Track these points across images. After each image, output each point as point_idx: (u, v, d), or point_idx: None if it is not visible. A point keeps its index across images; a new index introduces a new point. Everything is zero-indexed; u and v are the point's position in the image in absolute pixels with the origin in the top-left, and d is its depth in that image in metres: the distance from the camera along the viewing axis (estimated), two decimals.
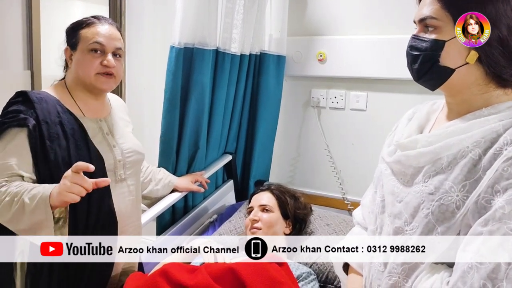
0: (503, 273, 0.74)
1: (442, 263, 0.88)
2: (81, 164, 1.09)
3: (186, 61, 1.84)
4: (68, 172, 1.10)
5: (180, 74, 1.82)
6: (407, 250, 0.90)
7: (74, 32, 1.36)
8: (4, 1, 1.95)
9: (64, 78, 1.42)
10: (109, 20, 1.41)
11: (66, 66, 1.41)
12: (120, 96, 2.65)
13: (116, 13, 2.60)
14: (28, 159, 1.22)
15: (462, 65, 0.87)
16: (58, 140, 1.25)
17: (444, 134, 0.89)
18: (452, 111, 0.95)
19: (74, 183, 1.09)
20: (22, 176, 1.21)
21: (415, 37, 0.92)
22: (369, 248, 1.04)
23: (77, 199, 1.10)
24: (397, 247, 0.93)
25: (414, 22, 0.94)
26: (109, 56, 1.35)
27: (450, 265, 0.86)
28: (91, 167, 1.09)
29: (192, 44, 1.83)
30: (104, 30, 1.36)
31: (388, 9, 2.01)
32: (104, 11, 2.59)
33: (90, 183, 1.10)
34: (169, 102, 1.82)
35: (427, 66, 0.90)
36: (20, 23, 2.03)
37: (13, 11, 1.99)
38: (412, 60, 0.93)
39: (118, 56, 1.39)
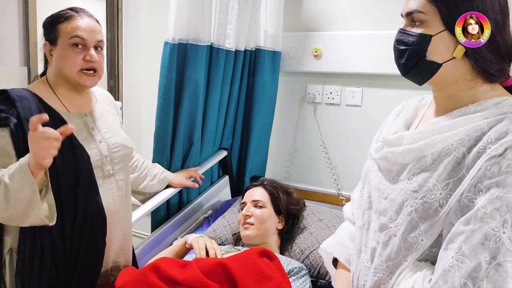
0: (483, 272, 0.75)
1: (425, 261, 0.88)
2: (33, 119, 1.05)
3: (180, 57, 1.83)
4: (30, 133, 1.07)
5: (174, 70, 1.82)
6: (392, 247, 0.90)
7: (52, 27, 1.32)
8: None
9: (44, 73, 1.39)
10: (87, 12, 1.37)
11: (46, 61, 1.37)
12: (117, 92, 2.67)
13: (113, 10, 2.61)
14: (11, 159, 1.19)
15: (449, 60, 0.87)
16: None
17: (430, 132, 0.89)
18: (439, 106, 0.94)
19: (40, 139, 1.06)
20: None
21: (402, 31, 0.92)
22: (356, 244, 1.05)
23: (54, 152, 1.07)
24: (382, 244, 0.93)
25: (402, 15, 0.93)
26: (92, 51, 1.31)
27: (433, 263, 0.86)
28: (44, 116, 1.05)
29: (186, 40, 1.83)
30: (84, 24, 1.31)
31: (384, 4, 2.00)
32: (101, 8, 2.60)
33: (55, 132, 1.07)
34: (163, 98, 1.83)
35: (413, 61, 0.89)
36: (16, 20, 2.03)
37: (9, 7, 1.99)
38: (399, 54, 0.92)
39: (99, 48, 1.35)
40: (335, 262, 1.19)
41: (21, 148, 1.19)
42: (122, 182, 1.44)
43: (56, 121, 1.26)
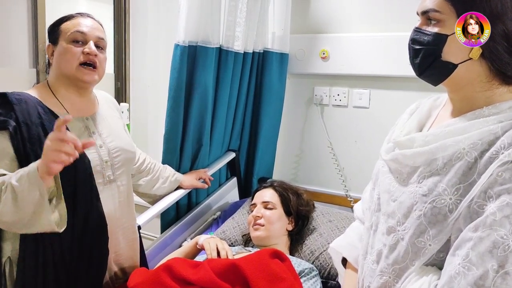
0: (490, 280, 0.73)
1: (432, 265, 0.87)
2: (59, 120, 1.02)
3: (190, 59, 1.84)
4: (51, 134, 1.04)
5: (184, 72, 1.83)
6: (399, 250, 0.89)
7: (55, 27, 1.32)
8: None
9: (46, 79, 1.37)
10: (91, 15, 1.36)
11: (48, 66, 1.36)
12: (125, 94, 2.68)
13: (121, 11, 2.62)
14: (12, 161, 1.17)
15: (465, 61, 0.84)
16: (39, 142, 1.18)
17: (442, 134, 0.87)
18: (454, 107, 0.93)
19: (52, 140, 1.02)
20: None
21: (417, 30, 0.89)
22: (363, 245, 1.04)
23: (63, 156, 1.02)
24: (389, 247, 0.92)
25: (417, 13, 0.91)
26: (91, 44, 1.29)
27: (440, 268, 0.85)
28: (68, 117, 1.02)
29: (195, 42, 1.84)
30: (85, 21, 1.31)
31: (391, 6, 2.01)
32: (109, 10, 2.61)
33: (73, 137, 1.03)
34: (173, 100, 1.83)
35: (428, 61, 0.87)
36: (25, 22, 2.04)
37: (18, 9, 2.01)
38: (413, 54, 0.90)
39: (100, 48, 1.33)
40: (344, 261, 1.18)
41: (20, 152, 1.17)
42: (124, 187, 1.42)
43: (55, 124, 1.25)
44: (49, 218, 1.08)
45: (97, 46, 1.32)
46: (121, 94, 2.69)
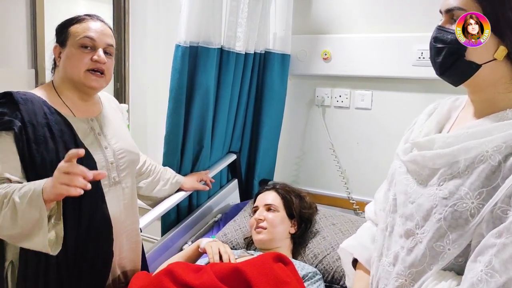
0: None
1: (450, 270, 0.85)
2: (71, 152, 1.01)
3: (191, 60, 1.82)
4: (61, 163, 1.03)
5: (185, 73, 1.81)
6: (416, 254, 0.87)
7: (64, 29, 1.29)
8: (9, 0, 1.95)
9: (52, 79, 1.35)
10: (101, 18, 1.34)
11: (55, 66, 1.34)
12: (124, 95, 2.66)
13: (120, 12, 2.60)
14: (15, 163, 1.15)
15: (489, 61, 0.83)
16: (45, 143, 1.18)
17: (464, 136, 0.85)
18: (475, 109, 0.90)
19: (66, 173, 1.01)
20: (10, 181, 1.14)
21: (440, 28, 0.87)
22: (378, 246, 1.02)
23: (71, 190, 1.01)
24: (407, 250, 0.90)
25: (440, 12, 0.89)
26: (100, 52, 1.27)
27: (459, 272, 0.83)
28: (81, 151, 1.01)
29: (196, 42, 1.82)
30: (95, 26, 1.29)
31: (393, 7, 1.99)
32: (108, 10, 2.59)
33: (83, 170, 1.02)
34: (174, 101, 1.81)
35: (451, 60, 0.85)
36: (24, 22, 2.02)
37: (17, 10, 1.99)
38: (435, 53, 0.88)
39: (109, 54, 1.32)
40: (354, 262, 1.16)
41: (25, 153, 1.15)
42: (128, 189, 1.41)
43: (62, 125, 1.24)
44: (45, 240, 1.06)
45: (105, 52, 1.30)
46: (120, 95, 2.67)
